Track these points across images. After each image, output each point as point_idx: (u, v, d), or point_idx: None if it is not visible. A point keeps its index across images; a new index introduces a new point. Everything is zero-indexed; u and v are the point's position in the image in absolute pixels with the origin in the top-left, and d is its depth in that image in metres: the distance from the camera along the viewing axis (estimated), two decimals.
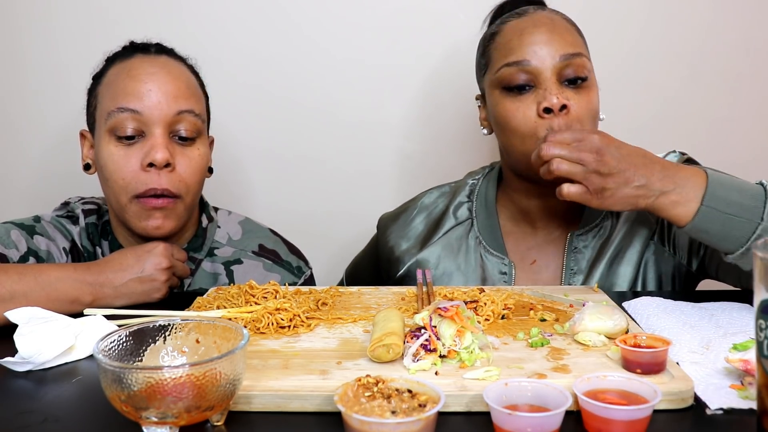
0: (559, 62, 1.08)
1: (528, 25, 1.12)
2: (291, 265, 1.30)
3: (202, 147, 1.18)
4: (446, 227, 1.25)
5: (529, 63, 1.09)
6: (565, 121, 1.07)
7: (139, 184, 1.11)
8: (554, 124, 1.06)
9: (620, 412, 0.63)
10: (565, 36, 1.10)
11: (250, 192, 1.74)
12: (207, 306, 1.02)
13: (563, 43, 1.09)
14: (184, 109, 1.13)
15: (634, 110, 1.68)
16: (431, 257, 1.24)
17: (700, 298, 1.03)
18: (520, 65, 1.09)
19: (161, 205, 1.12)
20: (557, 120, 1.06)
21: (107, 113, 1.12)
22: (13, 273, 0.99)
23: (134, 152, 1.11)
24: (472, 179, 1.31)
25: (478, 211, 1.25)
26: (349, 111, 1.68)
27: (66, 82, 1.64)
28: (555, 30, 1.10)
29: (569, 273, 1.16)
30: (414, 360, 0.76)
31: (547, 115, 1.07)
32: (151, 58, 1.16)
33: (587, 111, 1.09)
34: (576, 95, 1.08)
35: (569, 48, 1.09)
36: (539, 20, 1.12)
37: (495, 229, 1.22)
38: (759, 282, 0.60)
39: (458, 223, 1.25)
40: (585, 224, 1.19)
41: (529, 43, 1.10)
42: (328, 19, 1.65)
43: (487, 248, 1.21)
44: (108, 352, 0.68)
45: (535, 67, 1.08)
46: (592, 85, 1.12)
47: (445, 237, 1.24)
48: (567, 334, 0.87)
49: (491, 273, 1.19)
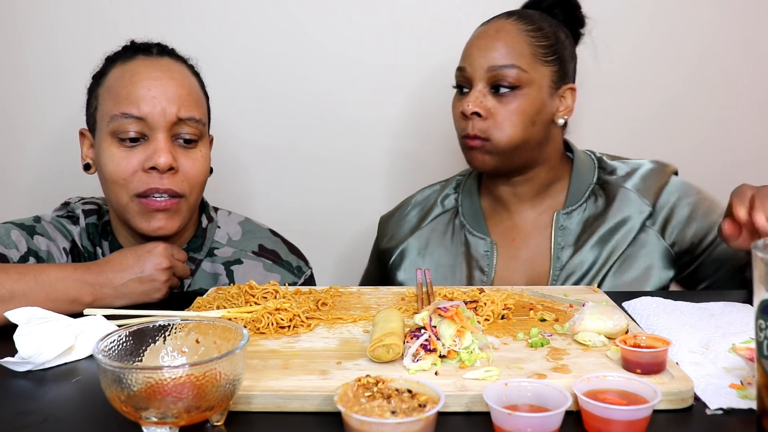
0: (487, 72, 1.21)
1: (475, 33, 1.27)
2: (291, 265, 1.30)
3: (204, 149, 1.18)
4: (434, 214, 1.39)
5: (465, 69, 1.24)
6: (477, 125, 1.21)
7: (140, 183, 1.11)
8: (468, 126, 1.22)
9: (620, 412, 0.63)
10: (499, 47, 1.21)
11: (250, 191, 1.74)
12: (207, 306, 1.02)
13: (496, 54, 1.21)
14: (187, 117, 1.13)
15: (635, 110, 1.68)
16: (420, 240, 1.37)
17: (700, 298, 1.03)
18: (459, 70, 1.26)
19: (164, 206, 1.12)
20: (471, 122, 1.22)
21: (110, 116, 1.12)
22: (13, 273, 0.99)
23: (136, 154, 1.11)
24: (460, 175, 1.44)
25: (463, 200, 1.38)
26: (348, 110, 1.69)
27: (66, 82, 1.64)
28: (496, 40, 1.22)
29: (558, 248, 1.26)
30: (414, 360, 0.76)
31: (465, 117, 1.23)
32: (153, 61, 1.16)
33: (504, 119, 1.20)
34: (499, 103, 1.21)
35: (500, 60, 1.21)
36: (486, 30, 1.25)
37: (477, 213, 1.35)
38: (759, 282, 0.60)
39: (445, 210, 1.39)
40: (570, 204, 1.28)
41: (469, 52, 1.25)
42: (328, 18, 1.65)
43: (471, 230, 1.33)
44: (108, 352, 0.68)
45: (469, 73, 1.23)
46: (524, 93, 1.21)
47: (432, 222, 1.38)
48: (567, 334, 0.87)
49: (475, 251, 1.31)
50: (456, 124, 1.27)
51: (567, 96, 1.26)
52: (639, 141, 1.70)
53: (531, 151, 1.24)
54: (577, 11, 1.32)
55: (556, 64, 1.24)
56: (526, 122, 1.21)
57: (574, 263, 1.23)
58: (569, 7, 1.31)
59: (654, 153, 1.46)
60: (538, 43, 1.22)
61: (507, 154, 1.22)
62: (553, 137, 1.27)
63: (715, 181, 1.72)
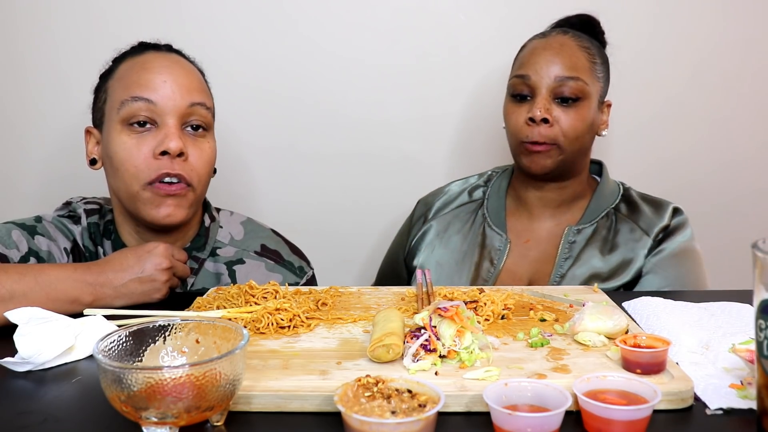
0: (554, 82, 1.26)
1: (538, 45, 1.32)
2: (293, 265, 1.30)
3: (211, 141, 1.20)
4: (460, 202, 1.47)
5: (530, 77, 1.28)
6: (544, 132, 1.26)
7: (152, 170, 1.11)
8: (533, 132, 1.27)
9: (620, 412, 0.63)
10: (565, 59, 1.27)
11: (253, 191, 1.74)
12: (207, 306, 1.02)
13: (562, 66, 1.27)
14: (197, 102, 1.15)
15: (635, 110, 1.68)
16: (442, 224, 1.44)
17: (700, 298, 1.03)
18: (521, 77, 1.30)
19: (174, 191, 1.12)
20: (537, 129, 1.26)
21: (120, 102, 1.13)
22: (13, 273, 0.99)
23: (146, 141, 1.12)
24: (493, 171, 1.51)
25: (490, 195, 1.45)
26: (350, 110, 1.69)
27: (66, 82, 1.65)
28: (560, 52, 1.28)
29: (562, 258, 1.31)
30: (414, 360, 0.76)
31: (532, 123, 1.27)
32: (163, 54, 1.19)
33: (569, 127, 1.26)
34: (563, 113, 1.26)
35: (566, 71, 1.26)
36: (550, 43, 1.30)
37: (500, 210, 1.41)
38: (759, 282, 0.60)
39: (472, 201, 1.47)
40: (584, 222, 1.34)
41: (534, 61, 1.29)
42: (329, 19, 1.65)
43: (491, 224, 1.40)
44: (108, 352, 0.68)
45: (534, 81, 1.28)
46: (584, 105, 1.27)
47: (458, 209, 1.46)
48: (567, 334, 0.87)
49: (490, 243, 1.38)
50: (513, 130, 1.31)
51: (605, 111, 1.36)
52: (639, 141, 1.70)
53: (580, 159, 1.32)
54: (601, 36, 1.38)
55: (604, 80, 1.33)
56: (585, 131, 1.29)
57: (574, 273, 1.28)
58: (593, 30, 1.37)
59: (654, 153, 1.46)
60: (593, 60, 1.30)
61: (566, 160, 1.28)
62: (590, 150, 1.36)
63: (715, 181, 1.73)
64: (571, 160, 1.30)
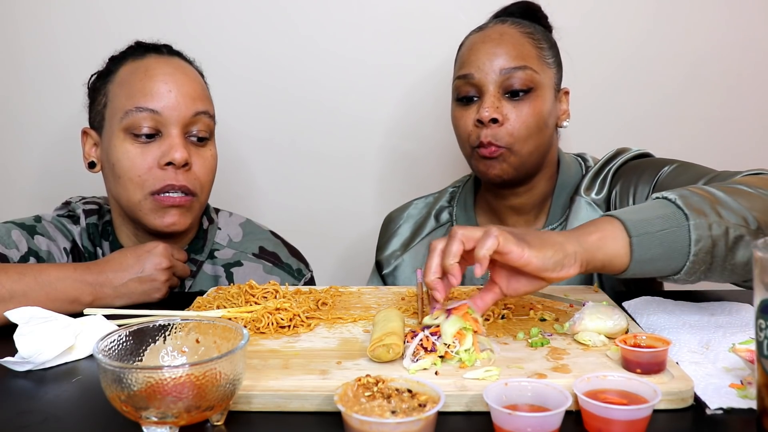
0: (500, 75, 1.16)
1: (476, 39, 1.21)
2: (291, 267, 1.30)
3: (213, 148, 1.20)
4: (428, 229, 1.36)
5: (473, 76, 1.18)
6: (494, 133, 1.16)
7: (156, 180, 1.11)
8: (482, 134, 1.17)
9: (620, 412, 0.63)
10: (508, 49, 1.17)
11: (253, 191, 1.74)
12: (207, 306, 1.02)
13: (506, 56, 1.17)
14: (201, 111, 1.15)
15: (635, 110, 1.68)
16: (416, 257, 1.35)
17: (700, 298, 1.03)
18: (464, 78, 1.19)
19: (179, 203, 1.13)
20: (487, 130, 1.16)
21: (124, 112, 1.12)
22: (13, 273, 0.99)
23: (151, 150, 1.12)
24: (453, 187, 1.41)
25: (458, 214, 1.35)
26: (350, 110, 1.69)
27: (66, 82, 1.64)
28: (502, 42, 1.18)
29: None
30: (414, 360, 0.76)
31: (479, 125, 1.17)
32: (166, 59, 1.17)
33: (521, 125, 1.16)
34: (515, 108, 1.16)
35: (512, 61, 1.16)
36: (489, 35, 1.20)
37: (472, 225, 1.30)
38: (759, 282, 0.60)
39: (440, 225, 1.36)
40: (552, 221, 1.26)
41: (474, 57, 1.19)
42: (329, 19, 1.65)
43: None
44: (108, 352, 0.68)
45: (479, 79, 1.18)
46: (537, 96, 1.17)
47: (427, 238, 1.35)
48: (567, 334, 0.87)
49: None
50: (463, 135, 1.21)
51: (563, 100, 1.26)
52: (639, 141, 1.69)
53: (541, 156, 1.22)
54: (544, 20, 1.29)
55: (555, 66, 1.24)
56: (541, 126, 1.18)
57: None
58: (534, 15, 1.28)
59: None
60: (540, 45, 1.21)
61: (524, 162, 1.18)
62: (553, 143, 1.26)
63: None
64: (532, 161, 1.20)
